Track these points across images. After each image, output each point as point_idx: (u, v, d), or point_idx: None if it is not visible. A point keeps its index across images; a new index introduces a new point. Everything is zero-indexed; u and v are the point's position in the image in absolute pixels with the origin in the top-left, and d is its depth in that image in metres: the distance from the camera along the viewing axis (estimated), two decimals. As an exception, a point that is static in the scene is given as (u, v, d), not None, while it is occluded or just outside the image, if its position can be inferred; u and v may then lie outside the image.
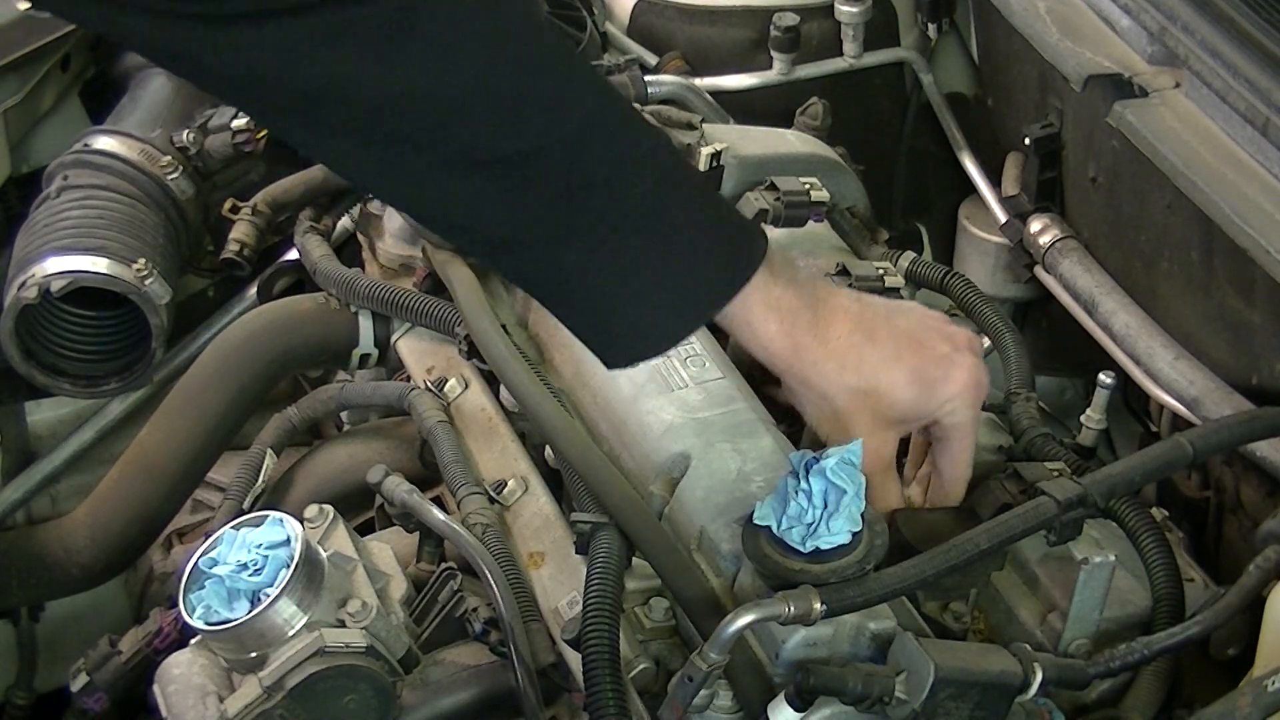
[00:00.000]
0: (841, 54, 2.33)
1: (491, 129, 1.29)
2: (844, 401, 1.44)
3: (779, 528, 1.35)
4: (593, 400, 1.71)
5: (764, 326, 1.41)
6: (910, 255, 1.93)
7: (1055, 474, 1.49)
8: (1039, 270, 2.01)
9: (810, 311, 1.42)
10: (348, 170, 1.44)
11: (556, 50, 1.36)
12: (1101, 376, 1.76)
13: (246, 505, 1.90)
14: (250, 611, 1.54)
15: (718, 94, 2.29)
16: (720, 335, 1.71)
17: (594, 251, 1.34)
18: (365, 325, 2.02)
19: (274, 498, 1.94)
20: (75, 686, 1.83)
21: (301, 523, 1.59)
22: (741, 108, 2.27)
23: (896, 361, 1.44)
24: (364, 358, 2.03)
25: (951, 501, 1.52)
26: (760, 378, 1.67)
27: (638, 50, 2.38)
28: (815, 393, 1.45)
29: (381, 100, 1.25)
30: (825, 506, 1.34)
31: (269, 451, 1.94)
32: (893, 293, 1.76)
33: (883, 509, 1.45)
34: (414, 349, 1.98)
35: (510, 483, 1.73)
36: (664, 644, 1.52)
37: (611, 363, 1.43)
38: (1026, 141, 1.99)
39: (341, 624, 1.57)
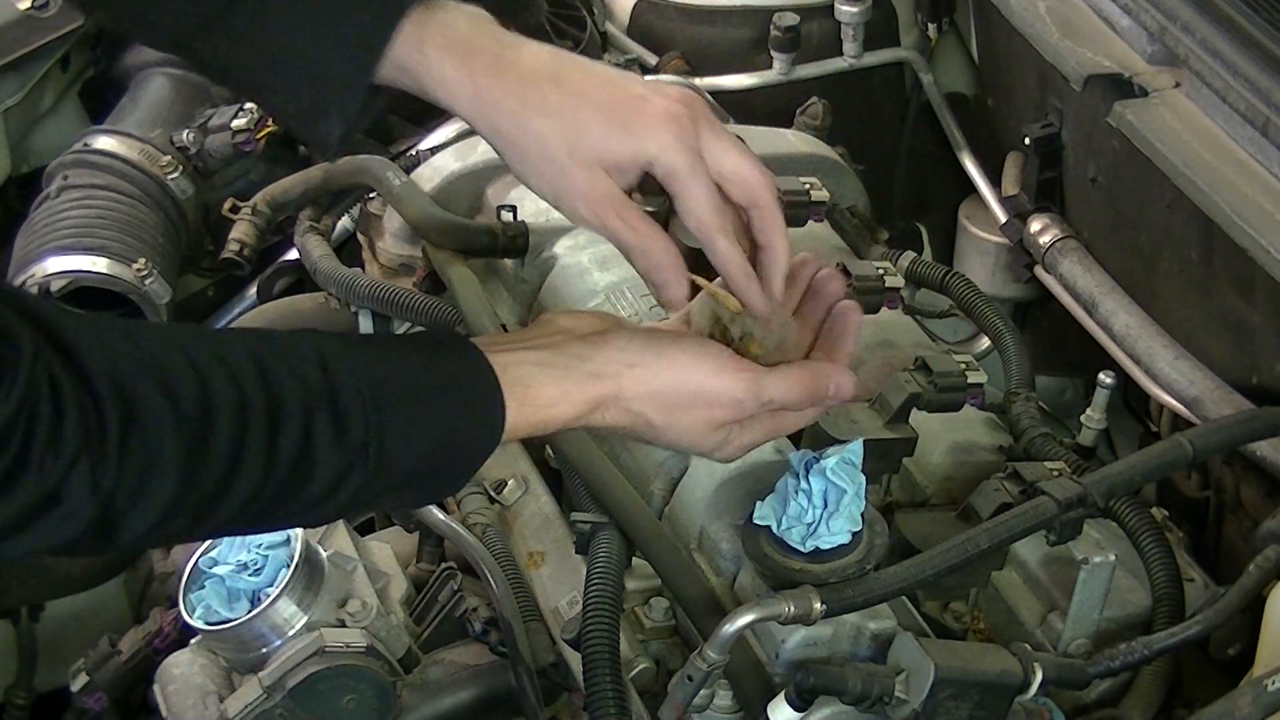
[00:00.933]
0: (841, 54, 2.33)
1: None
2: (537, 145, 1.31)
3: (779, 527, 1.35)
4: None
5: (441, 69, 1.31)
6: (910, 255, 1.93)
7: (1055, 474, 1.49)
8: (1039, 270, 2.01)
9: (493, 50, 1.32)
10: None
11: None
12: (1101, 376, 1.76)
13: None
14: (250, 611, 1.54)
15: (718, 94, 2.29)
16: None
17: (255, 14, 1.30)
18: (365, 325, 2.02)
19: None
20: (75, 686, 1.83)
21: (301, 522, 1.59)
22: (741, 108, 2.27)
23: (583, 97, 1.31)
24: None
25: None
26: None
27: (638, 50, 2.38)
28: (509, 141, 1.32)
29: None
30: (825, 506, 1.34)
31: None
32: (892, 292, 1.76)
33: (634, 244, 1.31)
34: (414, 348, 1.97)
35: (510, 482, 1.73)
36: (664, 644, 1.52)
37: (320, 141, 1.36)
38: (1026, 141, 1.99)
39: (341, 624, 1.57)
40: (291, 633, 1.56)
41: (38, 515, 1.04)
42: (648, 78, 1.40)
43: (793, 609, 1.30)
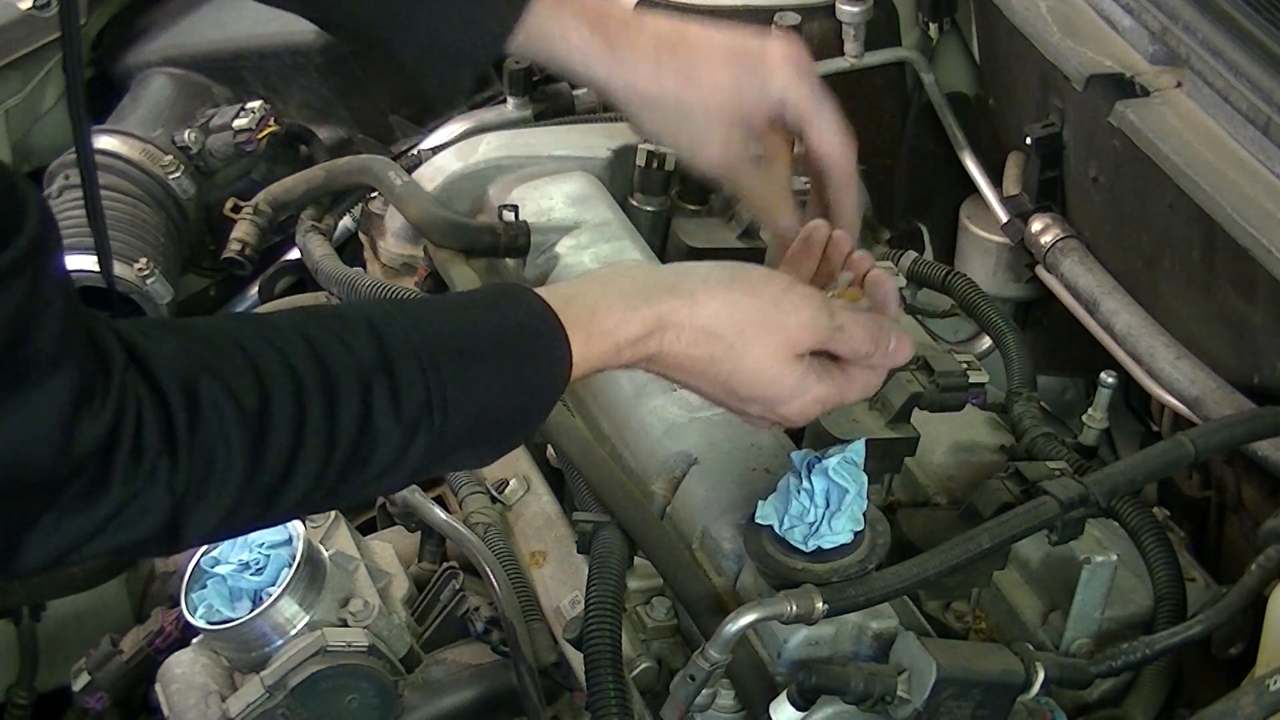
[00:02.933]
0: (843, 53, 2.33)
1: None
2: (671, 101, 1.41)
3: (781, 527, 1.35)
4: (594, 399, 1.71)
5: (577, 36, 1.40)
6: (911, 254, 1.93)
7: (1057, 473, 1.49)
8: (1040, 270, 2.01)
9: (622, 17, 1.42)
10: None
11: None
12: (1103, 376, 1.76)
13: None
14: (252, 611, 1.54)
15: (719, 94, 2.29)
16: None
17: None
18: (367, 325, 2.02)
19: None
20: (77, 686, 1.83)
21: (303, 522, 1.59)
22: (743, 107, 2.27)
23: (711, 53, 1.42)
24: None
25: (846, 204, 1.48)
26: None
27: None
28: (643, 100, 1.42)
29: None
30: (827, 505, 1.34)
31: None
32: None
33: (775, 200, 1.46)
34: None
35: (512, 482, 1.73)
36: (666, 643, 1.52)
37: (449, 90, 1.50)
38: (1028, 141, 1.99)
39: (343, 623, 1.57)
40: (293, 632, 1.56)
41: (115, 519, 1.04)
42: (756, 31, 1.48)
43: (795, 608, 1.30)
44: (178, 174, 2.29)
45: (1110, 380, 1.75)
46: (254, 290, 2.29)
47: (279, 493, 1.11)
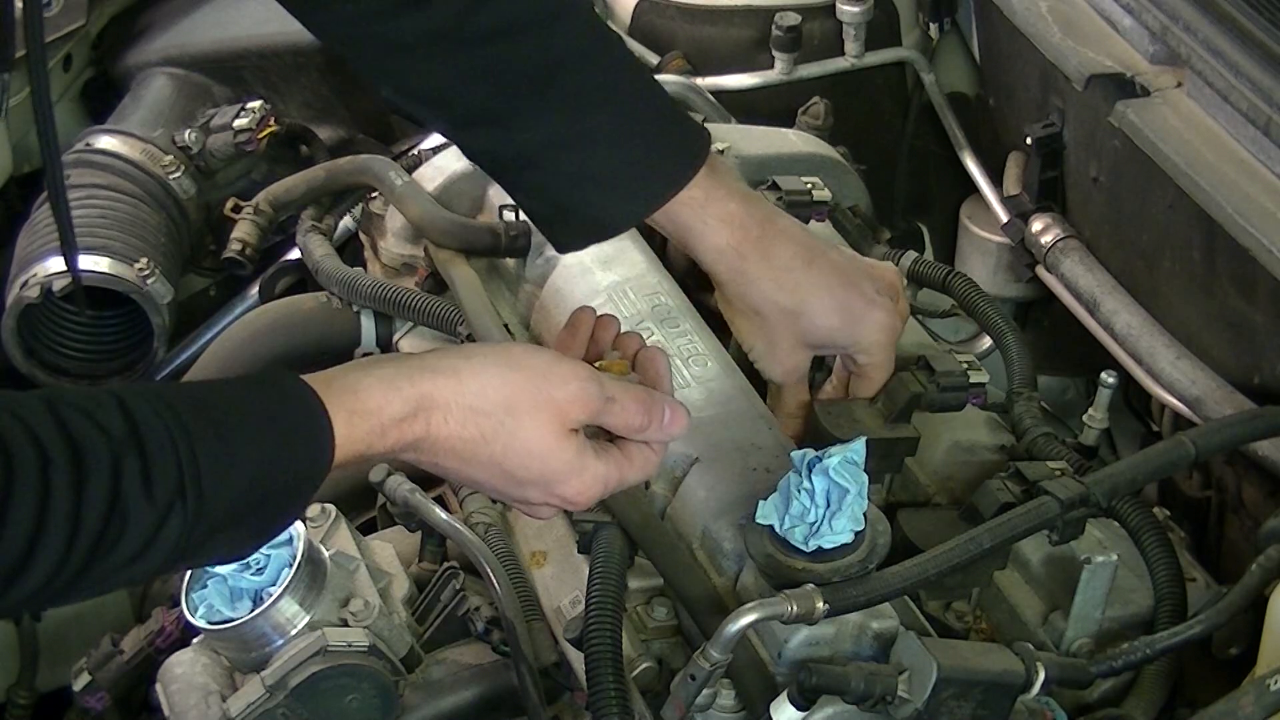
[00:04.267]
0: (843, 53, 2.33)
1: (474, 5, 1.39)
2: (774, 319, 1.55)
3: (781, 527, 1.35)
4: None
5: (716, 238, 1.51)
6: (912, 255, 1.93)
7: (1057, 473, 1.49)
8: (1040, 270, 2.01)
9: (759, 229, 1.52)
10: None
11: None
12: (1103, 376, 1.76)
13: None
14: (253, 611, 1.54)
15: (719, 94, 2.29)
16: (722, 336, 1.71)
17: (560, 129, 1.43)
18: (367, 324, 2.02)
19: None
20: (77, 685, 1.83)
21: (304, 522, 1.59)
22: (743, 107, 2.27)
23: (826, 291, 1.54)
24: (366, 357, 2.03)
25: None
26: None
27: (639, 50, 2.38)
28: (749, 306, 1.55)
29: None
30: (828, 505, 1.34)
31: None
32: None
33: (792, 409, 1.63)
34: (416, 348, 1.97)
35: (513, 482, 1.73)
36: (666, 643, 1.52)
37: (565, 244, 1.54)
38: (1028, 141, 1.99)
39: (344, 623, 1.57)
40: (294, 632, 1.56)
41: None
42: (867, 262, 1.66)
43: (795, 608, 1.30)
44: (178, 174, 2.29)
45: (1110, 380, 1.75)
46: (254, 290, 2.29)
47: (17, 577, 1.02)
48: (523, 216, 1.91)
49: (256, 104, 2.35)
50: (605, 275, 1.81)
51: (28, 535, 1.01)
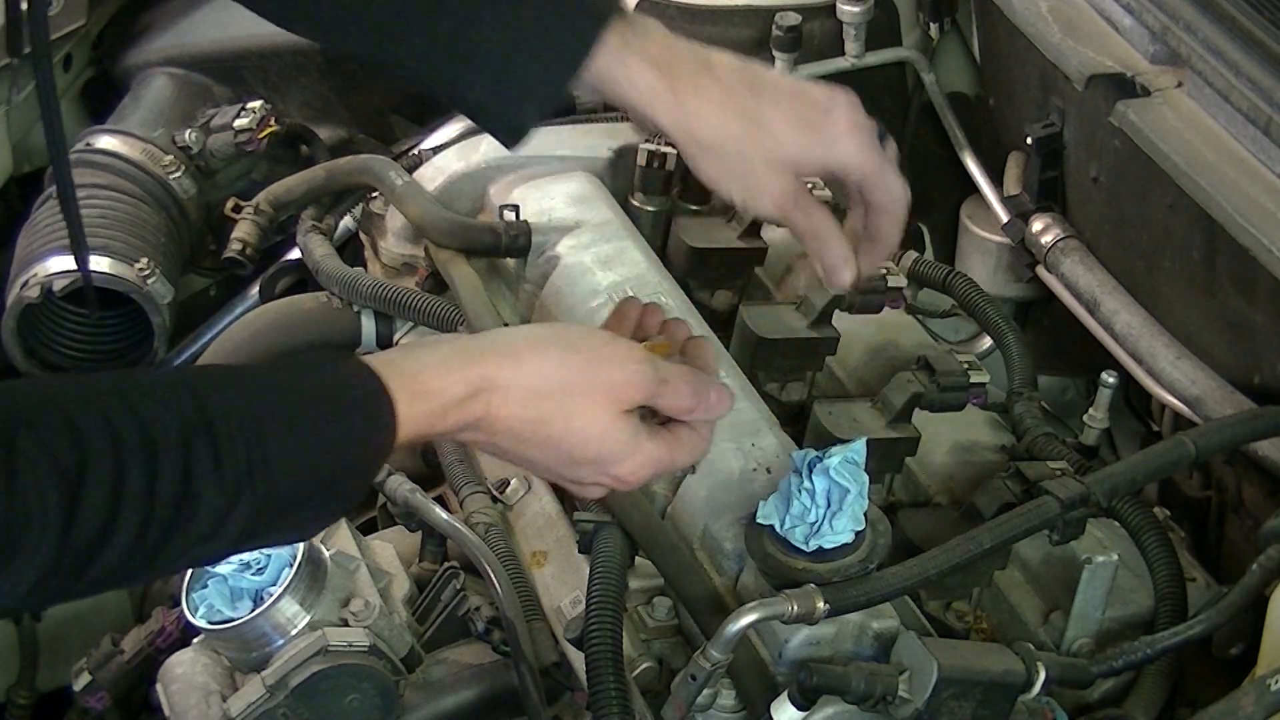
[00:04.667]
0: (843, 53, 2.33)
1: None
2: (732, 146, 1.40)
3: (782, 527, 1.35)
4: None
5: (641, 79, 1.39)
6: (912, 255, 1.93)
7: (1058, 473, 1.49)
8: (1041, 270, 2.01)
9: (689, 64, 1.41)
10: None
11: None
12: (1104, 376, 1.76)
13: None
14: (253, 610, 1.54)
15: (719, 94, 2.29)
16: (723, 336, 1.71)
17: (460, 22, 1.36)
18: (367, 324, 2.02)
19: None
20: (77, 685, 1.83)
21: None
22: (743, 107, 2.27)
23: (776, 106, 1.41)
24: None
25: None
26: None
27: (639, 50, 2.37)
28: (704, 145, 1.41)
29: None
30: (828, 505, 1.34)
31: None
32: (895, 292, 1.76)
33: (812, 230, 1.42)
34: (416, 348, 1.97)
35: (513, 482, 1.73)
36: (667, 643, 1.52)
37: (512, 130, 1.43)
38: (1028, 141, 1.99)
39: (344, 623, 1.57)
40: (294, 632, 1.56)
41: None
42: (819, 84, 1.46)
43: (796, 608, 1.30)
44: (178, 174, 2.29)
45: (1111, 380, 1.75)
46: (254, 290, 2.29)
47: (95, 557, 1.06)
48: (523, 216, 1.92)
49: (257, 104, 2.35)
50: (605, 275, 1.81)
51: (104, 516, 1.04)
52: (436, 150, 2.13)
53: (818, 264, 1.42)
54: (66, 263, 2.09)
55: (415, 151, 2.18)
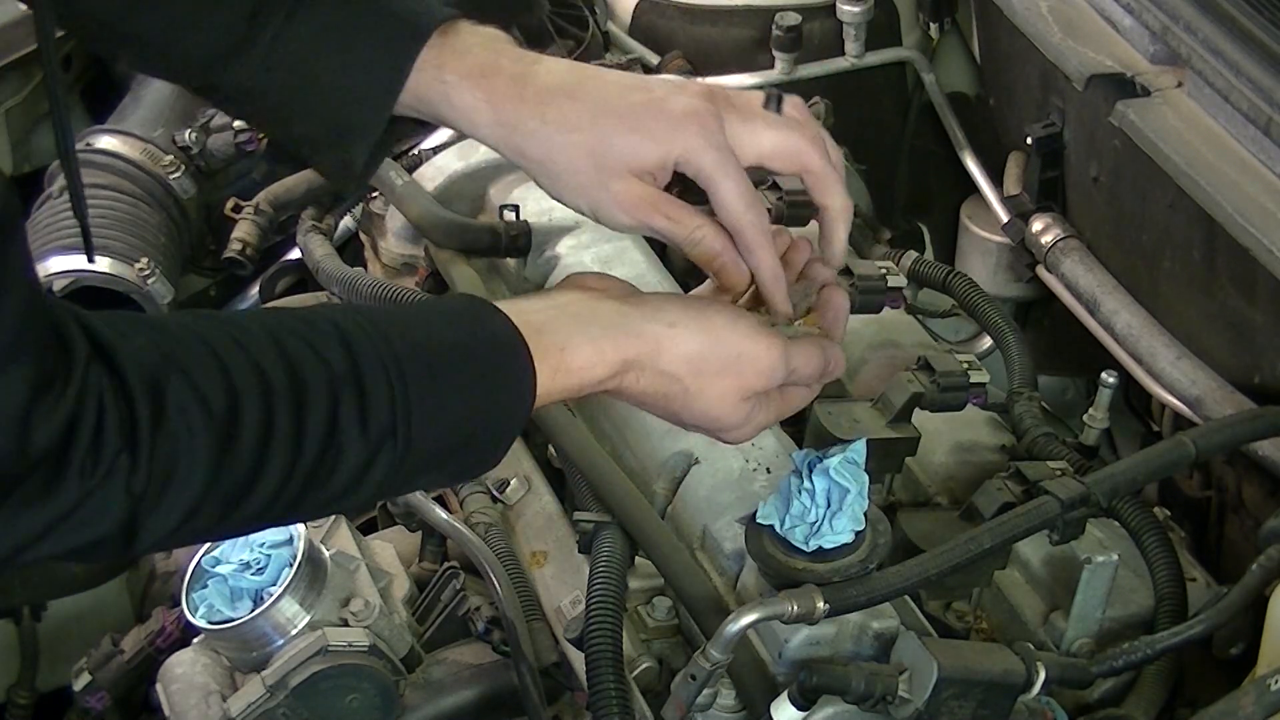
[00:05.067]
0: (843, 53, 2.33)
1: None
2: (570, 162, 1.30)
3: (782, 527, 1.35)
4: (596, 398, 1.71)
5: (459, 95, 1.30)
6: (912, 255, 1.93)
7: (1058, 473, 1.49)
8: (1041, 270, 2.01)
9: (508, 75, 1.30)
10: None
11: None
12: (1104, 376, 1.76)
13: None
14: (253, 610, 1.54)
15: (719, 94, 2.29)
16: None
17: (292, 22, 1.29)
18: (367, 324, 2.02)
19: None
20: (77, 685, 1.83)
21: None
22: (743, 107, 2.27)
23: (602, 107, 1.29)
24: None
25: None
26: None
27: (640, 50, 2.38)
28: (542, 165, 1.31)
29: None
30: (828, 505, 1.34)
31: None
32: (895, 292, 1.76)
33: (685, 237, 1.31)
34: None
35: (513, 481, 1.73)
36: (667, 643, 1.52)
37: (341, 175, 1.35)
38: (1028, 141, 1.99)
39: (344, 623, 1.57)
40: (294, 632, 1.56)
41: (69, 518, 1.01)
42: (662, 76, 1.37)
43: (796, 608, 1.30)
44: (178, 174, 2.29)
45: (1111, 380, 1.75)
46: (254, 290, 2.29)
47: (241, 500, 1.08)
48: (523, 216, 1.92)
49: (257, 104, 2.34)
50: (605, 275, 1.81)
51: (253, 458, 1.06)
52: (436, 150, 2.13)
53: (706, 269, 1.34)
54: (67, 263, 2.09)
55: (415, 151, 2.17)
